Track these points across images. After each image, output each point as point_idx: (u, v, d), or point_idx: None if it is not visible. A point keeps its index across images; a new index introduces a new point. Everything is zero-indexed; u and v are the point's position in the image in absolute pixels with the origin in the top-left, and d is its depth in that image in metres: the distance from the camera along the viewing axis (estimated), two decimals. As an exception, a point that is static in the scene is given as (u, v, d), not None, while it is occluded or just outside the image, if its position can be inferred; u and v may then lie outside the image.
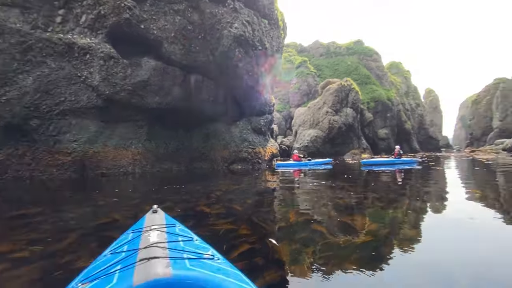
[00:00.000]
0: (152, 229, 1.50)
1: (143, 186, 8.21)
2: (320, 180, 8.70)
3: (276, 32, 17.50)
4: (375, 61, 49.12)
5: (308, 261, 2.27)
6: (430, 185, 6.93)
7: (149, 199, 5.65)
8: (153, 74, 12.39)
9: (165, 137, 13.88)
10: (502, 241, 2.70)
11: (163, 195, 5.88)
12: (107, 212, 4.37)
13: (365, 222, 3.47)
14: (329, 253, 2.49)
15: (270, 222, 3.67)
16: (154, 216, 1.89)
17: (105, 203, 5.41)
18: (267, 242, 2.64)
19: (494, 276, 1.98)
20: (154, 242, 1.25)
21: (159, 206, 2.09)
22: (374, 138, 38.87)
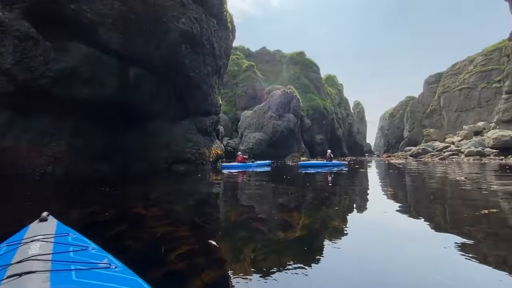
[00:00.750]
0: (35, 240, 1.32)
1: (64, 189, 7.16)
2: (261, 181, 9.04)
3: (224, 33, 17.54)
4: (315, 72, 53.65)
5: (248, 259, 2.32)
6: (355, 184, 7.93)
7: (72, 202, 4.97)
8: (84, 62, 10.98)
9: (97, 133, 12.38)
10: (404, 230, 3.30)
11: (90, 198, 5.25)
12: (16, 219, 3.70)
13: (301, 219, 3.75)
14: (268, 249, 2.59)
15: (212, 223, 3.63)
16: (41, 226, 1.64)
17: (15, 208, 4.55)
18: (207, 243, 2.63)
19: (398, 256, 2.42)
20: (33, 255, 1.11)
21: (50, 213, 1.83)
22: (312, 142, 42.30)
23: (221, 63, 17.67)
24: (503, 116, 29.72)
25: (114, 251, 2.46)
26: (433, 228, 3.19)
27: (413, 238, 2.98)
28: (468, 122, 42.83)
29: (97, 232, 3.05)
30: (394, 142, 67.73)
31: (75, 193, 6.23)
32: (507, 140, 22.91)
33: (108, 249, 2.36)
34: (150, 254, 2.43)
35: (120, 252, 2.37)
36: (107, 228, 3.16)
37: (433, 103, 53.05)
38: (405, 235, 3.09)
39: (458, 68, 50.63)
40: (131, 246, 2.62)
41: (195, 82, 15.16)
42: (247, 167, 16.47)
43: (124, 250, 2.51)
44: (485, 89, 42.84)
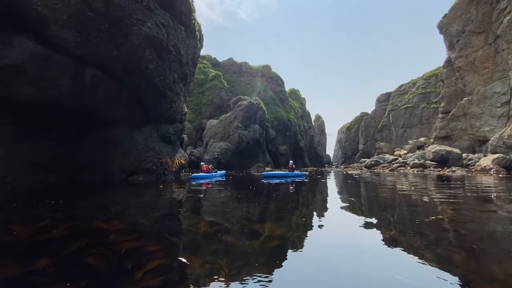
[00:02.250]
0: None
1: (1, 202, 6.20)
2: (227, 191, 8.90)
3: (192, 41, 17.33)
4: (280, 86, 55.63)
5: (221, 273, 2.26)
6: (316, 194, 8.25)
7: (17, 216, 4.30)
8: (31, 60, 9.84)
9: (42, 140, 11.05)
10: (363, 236, 3.50)
11: (37, 212, 4.61)
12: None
13: (270, 229, 3.76)
14: (241, 262, 2.56)
15: (180, 236, 3.48)
16: None
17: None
18: (177, 259, 2.47)
19: (360, 259, 2.55)
20: None
21: None
22: (276, 153, 43.25)
23: (188, 70, 17.33)
24: (440, 133, 33.99)
25: (75, 270, 2.22)
26: (388, 233, 3.44)
27: (371, 242, 3.17)
28: (412, 137, 48.03)
29: (54, 249, 2.72)
30: (351, 154, 72.70)
31: (17, 206, 5.41)
32: (443, 154, 26.12)
33: (68, 268, 2.17)
34: (115, 273, 2.22)
35: (82, 271, 2.21)
36: (65, 245, 2.84)
37: (383, 119, 58.58)
38: (364, 240, 3.28)
39: (404, 89, 56.99)
40: (94, 264, 2.37)
41: (159, 88, 14.58)
42: (213, 177, 16.14)
43: (86, 269, 2.27)
44: (425, 109, 48.77)
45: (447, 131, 32.99)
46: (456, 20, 31.39)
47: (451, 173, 21.02)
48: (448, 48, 33.37)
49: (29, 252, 2.68)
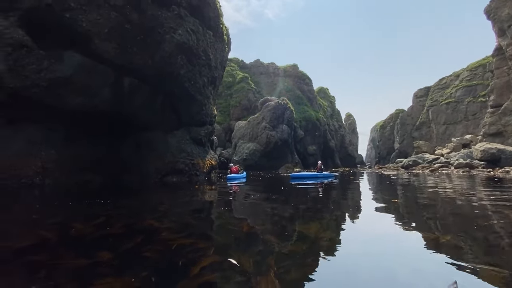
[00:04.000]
0: None
1: (56, 201, 6.88)
2: (258, 192, 8.93)
3: (220, 45, 17.75)
4: (307, 85, 54.64)
5: (271, 272, 2.32)
6: (348, 196, 7.92)
7: (75, 215, 4.75)
8: (79, 72, 10.84)
9: (87, 143, 12.10)
10: (397, 240, 3.26)
11: (91, 211, 5.04)
12: (29, 230, 3.58)
13: (306, 231, 3.73)
14: (288, 262, 2.62)
15: (225, 235, 3.64)
16: None
17: (21, 219, 4.34)
18: (227, 260, 2.55)
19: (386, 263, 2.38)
20: None
21: None
22: (305, 153, 42.51)
23: (217, 74, 17.78)
24: (489, 130, 30.70)
25: (135, 263, 2.42)
26: (432, 237, 3.17)
27: (411, 246, 2.96)
28: (456, 134, 44.04)
29: (113, 244, 2.97)
30: (385, 153, 68.82)
31: (72, 205, 5.98)
32: (494, 152, 23.56)
33: (128, 261, 2.41)
34: (172, 267, 2.40)
35: (141, 264, 2.40)
36: (123, 241, 3.09)
37: (422, 116, 54.52)
38: (403, 244, 3.07)
39: (445, 83, 52.51)
40: (151, 258, 2.58)
41: (190, 92, 15.15)
42: (242, 177, 16.35)
43: (145, 262, 2.47)
44: (471, 103, 44.40)
45: (498, 127, 29.71)
46: (507, 4, 28.18)
47: (504, 174, 18.87)
48: (498, 35, 30.07)
49: (92, 246, 2.95)
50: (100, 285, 1.99)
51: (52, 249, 2.86)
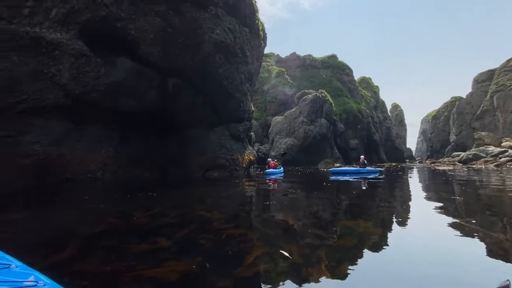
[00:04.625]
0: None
1: (116, 193, 7.71)
2: (298, 187, 8.84)
3: (256, 41, 17.80)
4: (348, 75, 51.87)
5: (322, 264, 2.35)
6: (395, 193, 7.36)
7: (133, 205, 5.29)
8: (129, 76, 11.88)
9: (139, 141, 13.26)
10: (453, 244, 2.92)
11: (147, 202, 5.57)
12: (100, 218, 4.14)
13: (352, 226, 3.65)
14: (336, 255, 2.65)
15: (273, 227, 3.73)
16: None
17: (92, 208, 5.03)
18: (279, 252, 2.62)
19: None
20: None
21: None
22: (346, 148, 40.65)
23: (253, 70, 17.92)
24: None
25: (191, 249, 2.64)
26: (496, 244, 2.77)
27: (471, 250, 2.63)
28: (529, 123, 37.80)
29: (170, 232, 3.29)
30: (439, 147, 62.24)
31: (129, 196, 6.65)
32: None
33: (185, 247, 2.54)
34: (226, 255, 2.58)
35: (197, 251, 2.62)
36: (178, 229, 3.42)
37: (484, 104, 47.86)
38: (463, 247, 2.74)
39: (515, 64, 45.27)
40: (205, 245, 2.81)
41: (228, 90, 15.53)
42: (280, 172, 16.35)
43: (200, 249, 2.70)
44: (550, 86, 37.57)
45: None
46: None
47: None
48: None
49: (151, 233, 3.30)
50: (164, 267, 2.22)
51: (120, 234, 3.27)
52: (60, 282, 1.87)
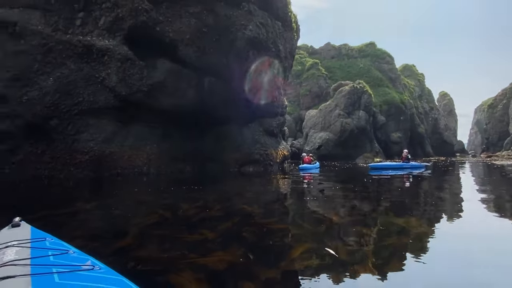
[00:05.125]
0: (9, 246, 1.25)
1: (161, 186, 8.27)
2: (336, 183, 8.57)
3: (289, 34, 17.45)
4: (388, 63, 48.34)
5: (369, 261, 2.31)
6: (445, 191, 6.70)
7: (179, 198, 5.66)
8: (169, 76, 12.54)
9: (179, 138, 14.00)
10: None
11: (190, 195, 5.91)
12: (152, 210, 4.51)
13: (411, 225, 3.51)
14: (384, 254, 2.55)
15: (314, 223, 3.70)
16: (13, 232, 1.57)
17: (143, 200, 5.52)
18: (324, 249, 2.61)
19: None
20: (9, 261, 1.05)
21: (22, 218, 1.80)
22: (387, 141, 38.18)
23: (287, 64, 17.65)
24: None
25: (235, 241, 2.76)
26: None
27: None
28: None
29: (215, 224, 3.47)
30: (496, 139, 55.15)
31: (173, 190, 7.10)
32: None
33: (229, 239, 2.72)
34: (271, 248, 2.66)
35: (240, 242, 2.74)
36: (222, 221, 3.59)
37: (558, 88, 40.98)
38: None
39: None
40: (248, 237, 2.93)
41: (262, 85, 15.53)
42: (314, 168, 16.00)
43: (243, 241, 2.82)
44: None
45: None
46: None
47: None
48: None
49: (198, 225, 3.52)
50: (213, 257, 2.37)
51: (171, 225, 3.55)
52: (124, 266, 2.10)
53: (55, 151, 10.90)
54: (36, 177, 10.26)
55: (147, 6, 11.67)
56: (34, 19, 10.81)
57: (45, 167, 10.67)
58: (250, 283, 1.88)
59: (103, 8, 11.75)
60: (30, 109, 10.45)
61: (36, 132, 10.73)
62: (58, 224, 3.66)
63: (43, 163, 10.69)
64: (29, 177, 10.24)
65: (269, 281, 1.95)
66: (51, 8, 11.15)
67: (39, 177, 10.28)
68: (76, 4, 11.60)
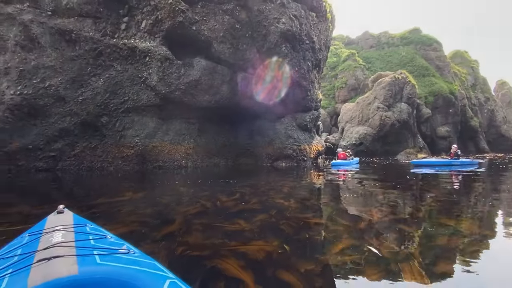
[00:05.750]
0: (56, 230, 1.38)
1: (199, 179, 8.67)
2: (375, 180, 8.14)
3: (324, 25, 16.83)
4: (435, 50, 44.04)
5: (415, 261, 2.21)
6: (506, 192, 5.93)
7: (216, 190, 5.89)
8: (204, 74, 12.97)
9: (214, 133, 14.48)
10: None
11: (227, 189, 6.12)
12: (193, 200, 4.81)
13: (464, 226, 3.24)
14: (430, 253, 2.43)
15: (354, 221, 3.59)
16: (58, 217, 1.71)
17: (184, 191, 5.89)
18: (366, 247, 2.56)
19: None
20: (57, 242, 1.16)
21: (65, 206, 1.94)
22: (433, 136, 35.08)
23: (321, 56, 17.07)
24: None
25: (272, 233, 2.84)
26: None
27: None
28: None
29: (252, 216, 3.58)
30: None
31: (210, 183, 7.41)
32: None
33: (267, 230, 2.85)
34: (310, 242, 2.69)
35: (278, 234, 2.79)
36: (259, 214, 3.70)
37: None
38: None
39: None
40: (285, 230, 2.98)
41: (295, 79, 15.26)
42: (350, 164, 15.33)
43: (280, 233, 2.88)
44: None
45: None
46: None
47: None
48: None
49: (237, 216, 3.65)
50: (254, 246, 2.48)
51: (212, 215, 3.73)
52: (174, 250, 2.28)
53: (106, 145, 12.03)
54: (91, 169, 11.46)
55: (184, 7, 12.14)
56: (86, 27, 11.94)
57: (98, 160, 11.86)
58: (289, 274, 1.90)
59: (144, 11, 12.53)
60: (85, 108, 11.65)
61: (90, 128, 11.94)
62: (114, 210, 4.09)
63: (96, 156, 11.89)
64: (85, 168, 11.48)
65: (308, 273, 1.95)
66: (100, 16, 12.20)
67: (93, 169, 11.46)
68: (121, 10, 12.53)
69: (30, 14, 11.11)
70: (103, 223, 3.28)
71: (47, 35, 11.31)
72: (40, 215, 2.14)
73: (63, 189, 7.26)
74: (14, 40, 10.92)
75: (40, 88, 11.01)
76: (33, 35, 11.04)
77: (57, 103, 11.30)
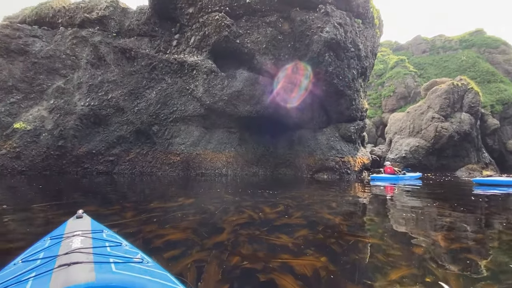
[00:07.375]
0: (75, 235, 1.44)
1: (239, 188, 8.77)
2: (431, 200, 7.26)
3: (371, 31, 16.08)
4: (503, 53, 38.81)
5: None
6: None
7: (258, 201, 5.87)
8: (246, 85, 13.31)
9: (254, 142, 14.64)
10: None
11: (269, 199, 6.07)
12: (239, 210, 4.89)
13: None
14: None
15: (413, 245, 3.21)
16: (77, 222, 1.79)
17: (229, 200, 6.04)
18: (428, 276, 2.28)
19: None
20: (76, 248, 1.22)
21: (84, 211, 1.98)
22: (501, 150, 30.48)
23: (367, 64, 16.24)
24: None
25: (320, 248, 2.73)
26: None
27: None
28: None
29: (296, 230, 3.49)
30: None
31: (251, 192, 7.44)
32: None
33: (315, 246, 2.78)
34: (358, 261, 2.53)
35: (325, 251, 2.69)
36: (305, 229, 3.59)
37: None
38: None
39: None
40: (334, 248, 2.86)
41: (339, 88, 14.72)
42: (400, 179, 13.99)
43: (328, 250, 2.78)
44: None
45: None
46: None
47: None
48: None
49: (282, 229, 3.59)
50: (304, 260, 2.45)
51: (258, 226, 3.72)
52: (226, 260, 2.28)
53: (155, 152, 13.01)
54: (142, 173, 12.45)
55: (229, 22, 12.74)
56: (143, 44, 13.28)
57: (148, 165, 12.84)
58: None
59: (193, 28, 13.47)
60: (139, 118, 12.81)
61: (143, 136, 13.06)
62: (168, 216, 4.32)
63: (147, 162, 12.90)
64: (137, 172, 12.52)
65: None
66: (155, 34, 13.48)
67: (143, 173, 12.44)
68: (173, 28, 13.68)
69: (99, 36, 12.79)
70: (160, 228, 3.49)
71: (111, 53, 12.86)
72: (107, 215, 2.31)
73: (118, 191, 7.97)
74: (86, 59, 12.65)
75: (104, 100, 12.48)
76: (101, 54, 12.66)
77: (117, 113, 12.65)
